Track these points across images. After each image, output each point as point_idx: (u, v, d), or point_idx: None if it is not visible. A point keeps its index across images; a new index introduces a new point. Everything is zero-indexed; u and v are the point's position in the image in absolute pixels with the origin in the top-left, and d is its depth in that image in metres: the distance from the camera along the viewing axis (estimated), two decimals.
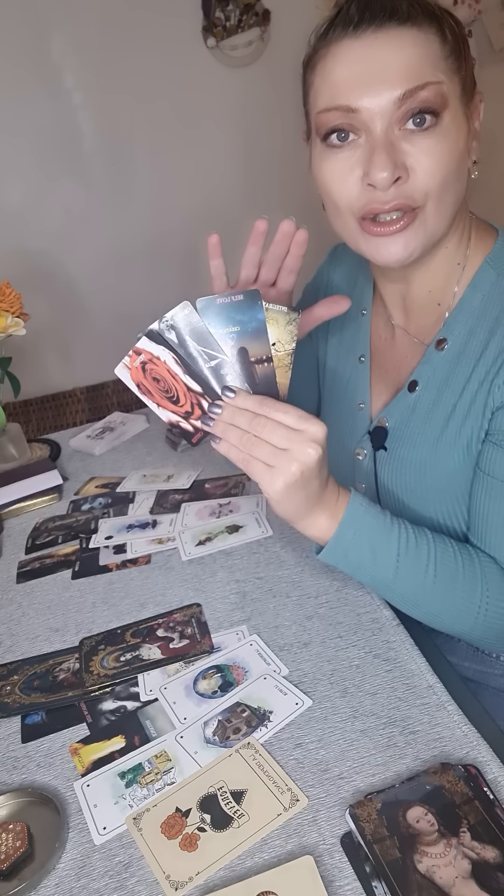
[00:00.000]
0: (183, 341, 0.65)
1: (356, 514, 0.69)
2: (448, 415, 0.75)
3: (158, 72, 2.10)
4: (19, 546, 1.07)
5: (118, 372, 0.67)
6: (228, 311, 0.64)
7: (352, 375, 0.90)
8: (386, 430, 0.82)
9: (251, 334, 0.65)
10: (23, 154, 2.08)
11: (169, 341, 0.65)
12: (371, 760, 0.63)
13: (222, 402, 0.66)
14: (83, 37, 2.01)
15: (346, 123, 0.66)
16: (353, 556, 0.69)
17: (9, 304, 1.24)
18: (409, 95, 0.63)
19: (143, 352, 0.65)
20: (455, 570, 0.70)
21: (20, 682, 0.79)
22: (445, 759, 0.62)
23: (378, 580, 0.71)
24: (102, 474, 1.24)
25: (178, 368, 0.66)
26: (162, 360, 0.65)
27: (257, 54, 2.16)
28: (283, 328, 0.66)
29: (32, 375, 2.08)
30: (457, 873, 0.52)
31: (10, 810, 0.64)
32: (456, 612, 0.71)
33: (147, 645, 0.80)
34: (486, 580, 0.70)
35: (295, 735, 0.66)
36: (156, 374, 0.66)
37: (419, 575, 0.69)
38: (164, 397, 0.67)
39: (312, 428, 0.63)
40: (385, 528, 0.69)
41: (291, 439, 0.63)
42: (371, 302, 0.90)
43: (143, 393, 0.67)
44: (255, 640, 0.78)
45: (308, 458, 0.63)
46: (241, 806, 0.60)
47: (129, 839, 0.60)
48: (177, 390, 0.67)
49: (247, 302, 0.64)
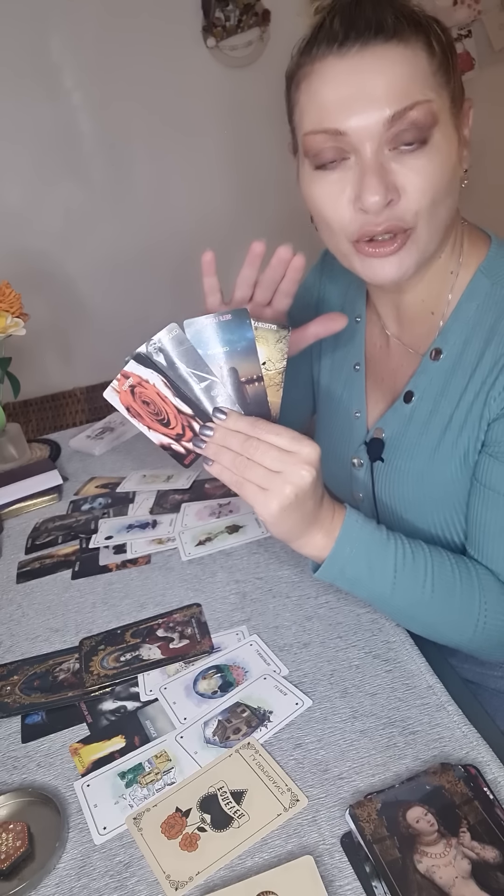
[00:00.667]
0: (172, 363, 0.64)
1: (352, 531, 0.68)
2: (445, 425, 0.74)
3: (158, 72, 2.10)
4: (19, 546, 1.07)
5: (107, 396, 0.66)
6: (217, 330, 0.64)
7: (347, 383, 0.90)
8: (382, 441, 0.81)
9: (241, 354, 0.64)
10: (22, 154, 2.08)
11: (157, 364, 0.64)
12: (371, 761, 0.63)
13: (214, 424, 0.65)
14: (82, 37, 2.01)
15: (336, 148, 0.65)
16: (350, 572, 0.69)
17: (9, 305, 1.24)
18: (398, 116, 0.62)
19: (132, 375, 0.65)
20: (452, 584, 0.70)
21: (20, 682, 0.79)
22: (445, 759, 0.62)
23: (376, 595, 0.70)
24: (102, 474, 1.24)
25: (167, 391, 0.65)
26: (151, 383, 0.65)
27: (257, 54, 2.16)
28: (273, 346, 0.65)
29: (32, 375, 2.07)
30: (457, 873, 0.52)
31: (11, 810, 0.64)
32: (454, 624, 0.71)
33: (147, 645, 0.80)
34: (483, 592, 0.70)
35: (295, 735, 0.66)
36: (145, 397, 0.65)
37: (417, 589, 0.69)
38: (155, 420, 0.66)
39: (305, 450, 0.63)
40: (381, 544, 0.69)
41: (285, 461, 0.62)
42: (365, 309, 0.89)
43: (134, 416, 0.66)
44: (255, 641, 0.78)
45: (302, 481, 0.62)
46: (241, 806, 0.60)
47: (130, 839, 0.60)
48: (167, 413, 0.66)
49: (235, 321, 0.64)
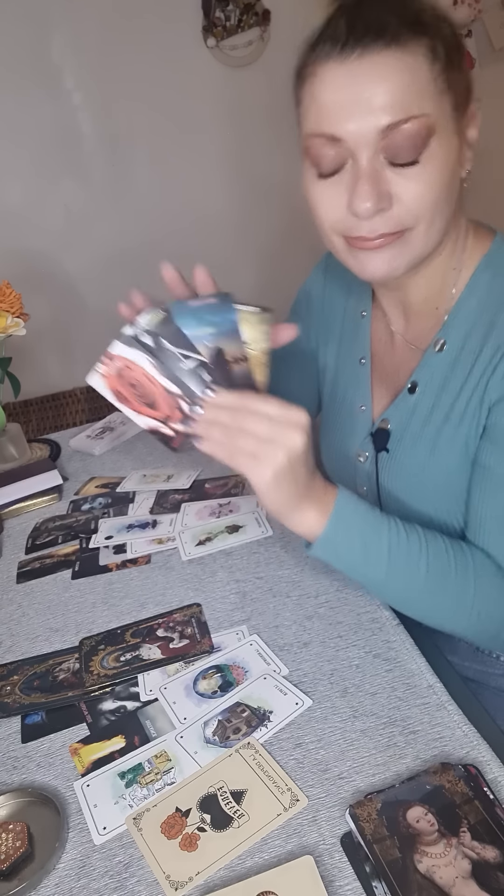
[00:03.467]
0: (159, 344, 0.64)
1: (346, 509, 0.69)
2: (446, 415, 0.75)
3: (158, 72, 2.10)
4: (19, 546, 1.07)
5: (90, 380, 0.65)
6: (201, 313, 0.64)
7: (352, 378, 0.90)
8: (388, 432, 0.82)
9: (226, 335, 0.65)
10: (23, 154, 2.08)
11: (144, 344, 0.64)
12: (371, 760, 0.63)
13: (202, 402, 0.65)
14: (83, 37, 2.01)
15: (335, 156, 0.65)
16: (343, 550, 0.69)
17: (9, 304, 1.24)
18: (393, 127, 0.62)
19: (118, 357, 0.64)
20: (447, 564, 0.70)
21: (20, 682, 0.79)
22: (445, 758, 0.62)
23: (369, 576, 0.71)
24: (102, 474, 1.24)
25: (154, 372, 0.65)
26: (138, 364, 0.64)
27: (257, 54, 2.16)
28: (255, 327, 0.65)
29: (32, 375, 2.07)
30: (457, 873, 0.52)
31: (10, 810, 0.64)
32: (449, 606, 0.71)
33: (147, 645, 0.80)
34: (478, 574, 0.70)
35: (295, 735, 0.66)
36: (132, 379, 0.65)
37: (411, 568, 0.69)
38: (142, 403, 0.66)
39: (296, 416, 0.63)
40: (375, 522, 0.69)
41: (276, 428, 0.63)
42: (371, 304, 0.89)
43: (120, 400, 0.66)
44: (255, 640, 0.78)
45: (294, 444, 0.63)
46: (241, 806, 0.60)
47: (129, 839, 0.60)
48: (154, 394, 0.65)
49: (220, 304, 0.64)
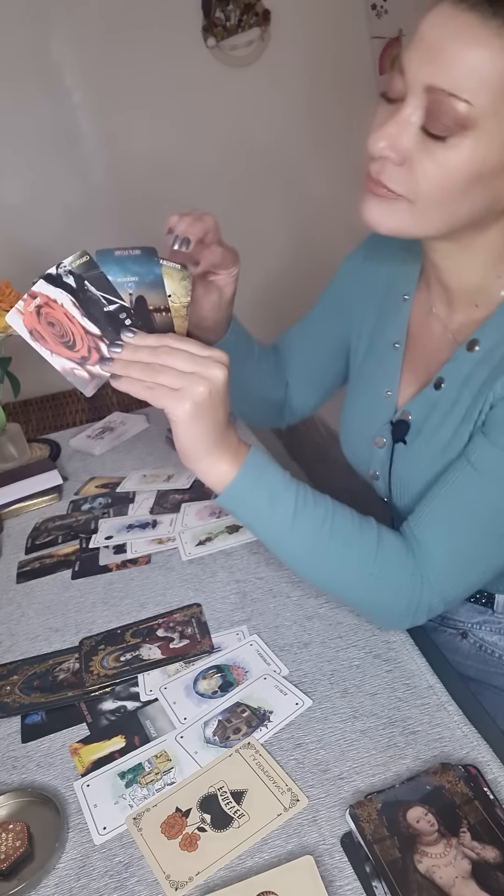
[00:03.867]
0: (81, 286, 0.65)
1: (258, 463, 0.69)
2: (462, 417, 0.73)
3: (158, 71, 2.09)
4: (19, 546, 1.06)
5: (9, 319, 0.65)
6: (126, 262, 0.65)
7: (383, 360, 0.88)
8: (408, 423, 0.81)
9: (148, 285, 0.66)
10: (22, 153, 2.08)
11: (67, 285, 0.65)
12: (371, 760, 0.63)
13: (122, 342, 0.65)
14: (83, 36, 2.01)
15: (397, 85, 0.63)
16: (251, 502, 0.69)
17: (9, 304, 1.24)
18: (436, 91, 0.59)
19: (40, 295, 0.64)
20: (351, 534, 0.69)
21: (20, 682, 0.79)
22: (445, 759, 0.62)
23: (273, 532, 0.70)
24: (102, 474, 1.24)
25: (75, 311, 0.65)
26: (59, 302, 0.64)
27: (257, 54, 2.15)
28: (177, 283, 0.67)
29: (32, 375, 2.07)
30: (457, 873, 0.52)
31: (10, 810, 0.64)
32: (346, 576, 0.70)
33: (147, 645, 0.80)
34: (381, 549, 0.69)
35: (295, 735, 0.66)
36: (51, 318, 0.65)
37: (314, 532, 0.69)
38: (59, 342, 0.66)
39: (217, 353, 0.64)
40: (285, 481, 0.70)
41: (196, 362, 0.63)
42: (415, 287, 0.86)
43: (36, 339, 0.65)
44: (256, 640, 0.78)
45: (215, 378, 0.63)
46: (241, 806, 0.60)
47: (129, 839, 0.60)
48: (73, 334, 0.65)
49: (144, 257, 0.66)
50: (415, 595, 0.70)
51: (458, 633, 0.87)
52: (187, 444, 0.66)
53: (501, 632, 0.84)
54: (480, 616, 0.84)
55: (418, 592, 0.69)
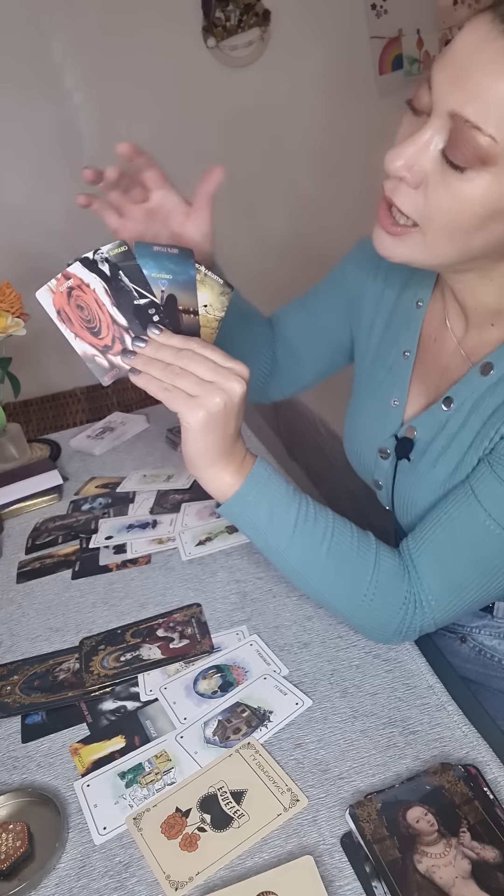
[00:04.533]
0: (115, 275, 0.65)
1: (261, 477, 0.69)
2: (470, 442, 0.72)
3: (158, 72, 2.10)
4: (19, 546, 1.07)
5: (40, 295, 0.65)
6: (162, 258, 0.65)
7: (392, 368, 0.85)
8: (413, 441, 0.79)
9: (181, 286, 0.66)
10: (23, 154, 2.08)
11: (102, 272, 0.65)
12: (371, 760, 0.63)
13: (147, 337, 0.65)
14: (83, 37, 2.01)
15: (423, 98, 0.59)
16: (251, 515, 0.70)
17: (9, 304, 1.24)
18: (459, 118, 0.56)
19: (73, 277, 0.65)
20: (349, 552, 0.69)
21: (20, 682, 0.79)
22: (445, 759, 0.62)
23: (272, 546, 0.71)
24: (102, 474, 1.24)
25: (106, 299, 0.65)
26: (91, 287, 0.65)
27: (257, 54, 2.15)
28: (216, 296, 0.67)
29: (32, 375, 2.07)
30: (457, 873, 0.52)
31: (10, 810, 0.64)
32: (341, 593, 0.70)
33: (147, 645, 0.80)
34: (378, 570, 0.69)
35: (295, 735, 0.66)
36: (81, 301, 0.65)
37: (313, 548, 0.69)
38: (85, 327, 0.66)
39: (238, 366, 0.64)
40: (287, 497, 0.70)
41: (218, 372, 0.63)
42: (430, 295, 0.83)
43: (63, 320, 0.66)
44: (255, 640, 0.78)
45: (233, 391, 0.63)
46: (241, 806, 0.60)
47: (129, 839, 0.60)
48: (100, 321, 0.66)
49: (181, 256, 0.66)
50: (406, 618, 0.70)
51: (458, 637, 0.87)
52: (194, 451, 0.67)
53: (500, 636, 0.84)
54: (480, 620, 0.84)
55: (410, 616, 0.70)
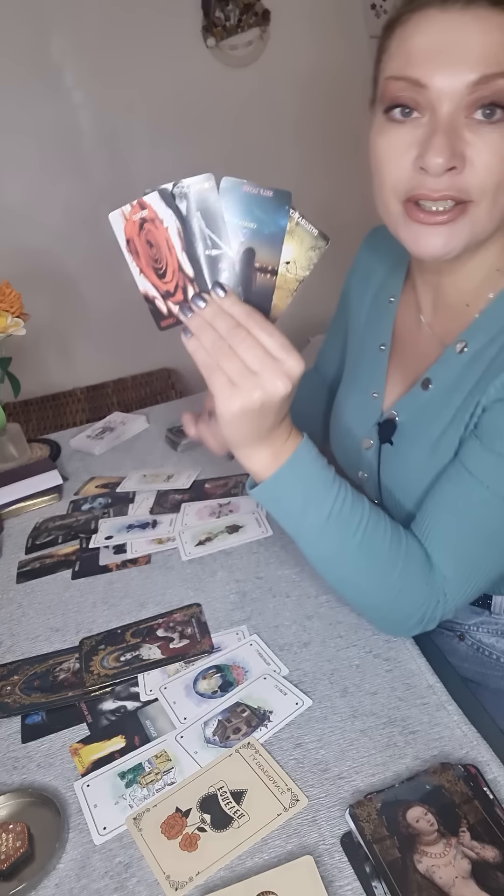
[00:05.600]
0: (191, 215, 0.59)
1: (301, 463, 0.67)
2: (451, 418, 0.73)
3: (158, 71, 2.10)
4: (19, 546, 1.07)
5: (112, 217, 0.61)
6: (251, 203, 0.59)
7: (370, 363, 0.88)
8: (395, 424, 0.80)
9: (265, 238, 0.60)
10: (23, 154, 2.08)
11: (178, 209, 0.59)
12: (371, 760, 0.63)
13: (209, 297, 0.61)
14: (83, 36, 2.01)
15: (412, 98, 0.62)
16: (284, 502, 0.68)
17: (9, 304, 1.24)
18: (483, 82, 0.59)
19: (149, 208, 0.59)
20: (380, 545, 0.69)
21: (20, 682, 0.79)
22: (445, 758, 0.62)
23: (302, 533, 0.69)
24: (102, 474, 1.24)
25: (177, 241, 0.60)
26: (165, 225, 0.59)
27: (257, 54, 2.16)
28: (304, 250, 0.61)
29: (32, 375, 2.07)
30: (456, 873, 0.52)
31: (10, 810, 0.64)
32: (368, 585, 0.70)
33: (147, 645, 0.80)
34: (406, 564, 0.69)
35: (295, 735, 0.66)
36: (152, 237, 0.60)
37: (344, 539, 0.68)
38: (151, 266, 0.61)
39: (291, 362, 0.60)
40: (324, 486, 0.67)
41: (265, 364, 0.59)
42: (401, 290, 0.86)
43: (131, 252, 0.61)
44: (255, 640, 0.78)
45: (275, 391, 0.60)
46: (241, 806, 0.60)
47: (129, 839, 0.60)
48: (167, 264, 0.60)
49: (274, 201, 0.59)
50: (429, 609, 0.70)
51: (456, 636, 0.87)
52: (226, 434, 0.65)
53: (498, 633, 0.84)
54: (478, 617, 0.84)
55: (433, 607, 0.70)
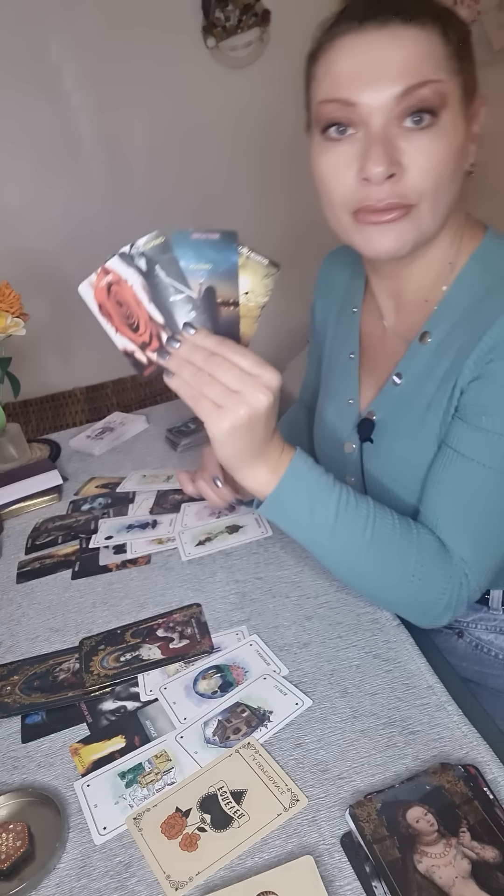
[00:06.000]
0: (152, 269, 0.64)
1: (298, 471, 0.69)
2: (427, 405, 0.76)
3: (158, 72, 2.10)
4: (19, 546, 1.07)
5: (82, 290, 0.65)
6: (202, 247, 0.64)
7: (342, 372, 0.91)
8: (373, 422, 0.83)
9: (222, 275, 0.64)
10: (22, 154, 2.08)
11: (138, 267, 0.64)
12: (371, 760, 0.63)
13: (181, 337, 0.65)
14: (82, 37, 2.01)
15: (345, 117, 0.67)
16: (291, 511, 0.70)
17: (9, 305, 1.24)
18: (408, 92, 0.64)
19: (112, 272, 0.64)
20: (391, 536, 0.70)
21: (20, 683, 0.79)
22: (445, 759, 0.62)
23: (314, 539, 0.71)
24: (102, 474, 1.24)
25: (143, 295, 0.65)
26: (129, 283, 0.64)
27: (257, 55, 2.16)
28: (259, 279, 0.65)
29: (32, 375, 2.07)
30: (456, 873, 0.52)
31: (11, 810, 0.64)
32: (387, 578, 0.71)
33: (147, 645, 0.80)
34: (421, 550, 0.70)
35: (295, 735, 0.66)
36: (120, 297, 0.65)
37: (356, 537, 0.69)
38: (125, 323, 0.66)
39: (267, 375, 0.64)
40: (326, 488, 0.70)
41: (245, 382, 0.63)
42: (362, 299, 0.91)
43: (104, 315, 0.66)
44: (255, 641, 0.78)
45: (258, 404, 0.63)
46: (241, 806, 0.60)
47: (130, 839, 0.60)
48: (138, 318, 0.65)
49: (222, 242, 0.64)
50: (454, 593, 0.71)
51: (454, 633, 0.87)
52: (223, 456, 0.68)
53: (497, 630, 0.84)
54: (476, 614, 0.85)
55: (456, 590, 0.71)
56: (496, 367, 0.68)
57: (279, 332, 2.04)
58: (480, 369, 0.69)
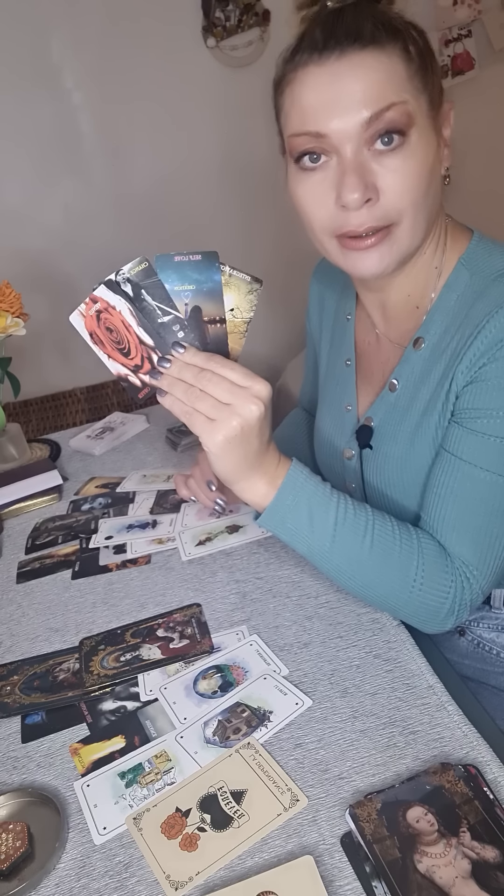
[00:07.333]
0: (138, 294, 0.66)
1: (296, 482, 0.70)
2: (423, 410, 0.76)
3: (158, 72, 2.10)
4: (19, 546, 1.07)
5: (72, 319, 0.67)
6: (185, 269, 0.65)
7: (339, 379, 0.92)
8: (371, 428, 0.83)
9: (206, 294, 0.66)
10: (22, 154, 2.08)
11: (125, 293, 0.66)
12: (371, 760, 0.63)
13: (171, 357, 0.67)
14: (83, 37, 2.01)
15: (317, 147, 0.67)
16: (290, 522, 0.71)
17: (9, 304, 1.24)
18: (375, 117, 0.64)
19: (100, 300, 0.66)
20: (392, 543, 0.70)
21: (20, 682, 0.79)
22: (445, 759, 0.62)
23: (314, 548, 0.71)
24: (102, 474, 1.24)
25: (132, 320, 0.66)
26: (117, 309, 0.66)
27: (257, 54, 2.16)
28: (243, 296, 0.67)
29: (32, 375, 2.07)
30: (457, 873, 0.52)
31: (10, 810, 0.64)
32: (390, 585, 0.71)
33: (147, 645, 0.80)
34: (422, 555, 0.71)
35: (295, 735, 0.66)
36: (110, 323, 0.67)
37: (356, 545, 0.70)
38: (116, 348, 0.67)
39: (257, 386, 0.65)
40: (324, 497, 0.70)
41: (235, 394, 0.64)
42: (355, 307, 0.92)
43: (95, 343, 0.67)
44: (255, 641, 0.78)
45: (250, 414, 0.64)
46: (241, 806, 0.60)
47: (129, 839, 0.60)
48: (129, 342, 0.67)
49: (204, 262, 0.65)
50: (457, 597, 0.71)
51: (456, 631, 0.87)
52: (219, 470, 0.68)
53: (498, 628, 0.84)
54: (478, 612, 0.85)
55: (460, 594, 0.71)
56: (489, 370, 0.68)
57: (270, 344, 2.03)
58: (473, 373, 0.69)
